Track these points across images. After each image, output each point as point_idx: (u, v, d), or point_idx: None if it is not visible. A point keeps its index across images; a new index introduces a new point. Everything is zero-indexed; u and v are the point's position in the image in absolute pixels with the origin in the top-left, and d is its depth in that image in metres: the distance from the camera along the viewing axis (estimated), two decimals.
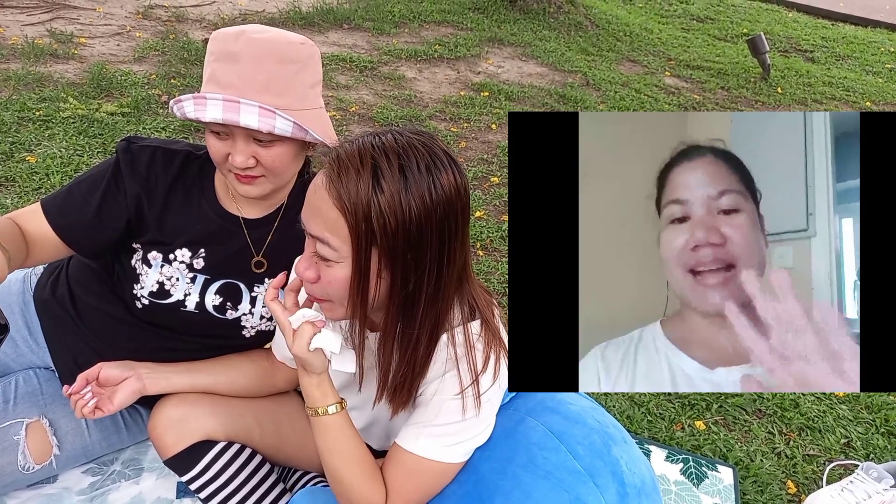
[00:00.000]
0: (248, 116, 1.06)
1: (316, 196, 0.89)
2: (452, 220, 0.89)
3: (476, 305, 0.99)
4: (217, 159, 1.16)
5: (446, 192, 0.87)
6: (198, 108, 1.07)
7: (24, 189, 2.48)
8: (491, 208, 2.94)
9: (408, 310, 0.93)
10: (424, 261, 0.88)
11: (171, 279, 1.25)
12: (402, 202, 0.84)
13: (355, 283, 0.89)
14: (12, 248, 1.05)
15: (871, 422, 2.00)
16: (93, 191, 1.21)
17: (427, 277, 0.90)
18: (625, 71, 5.20)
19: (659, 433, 1.85)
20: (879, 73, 6.20)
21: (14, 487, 1.34)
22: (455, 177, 0.89)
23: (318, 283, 0.93)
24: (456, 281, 0.95)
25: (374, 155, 0.86)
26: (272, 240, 1.29)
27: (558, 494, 0.96)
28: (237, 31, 1.11)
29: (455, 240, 0.91)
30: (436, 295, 0.92)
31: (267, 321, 1.32)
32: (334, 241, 0.88)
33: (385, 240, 0.86)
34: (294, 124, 1.09)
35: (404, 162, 0.85)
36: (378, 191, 0.84)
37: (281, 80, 1.11)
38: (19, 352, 1.37)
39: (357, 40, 4.93)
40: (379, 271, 0.89)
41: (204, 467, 1.23)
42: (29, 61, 3.63)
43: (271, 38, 1.11)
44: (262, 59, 1.10)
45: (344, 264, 0.89)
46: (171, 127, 3.14)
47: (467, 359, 0.97)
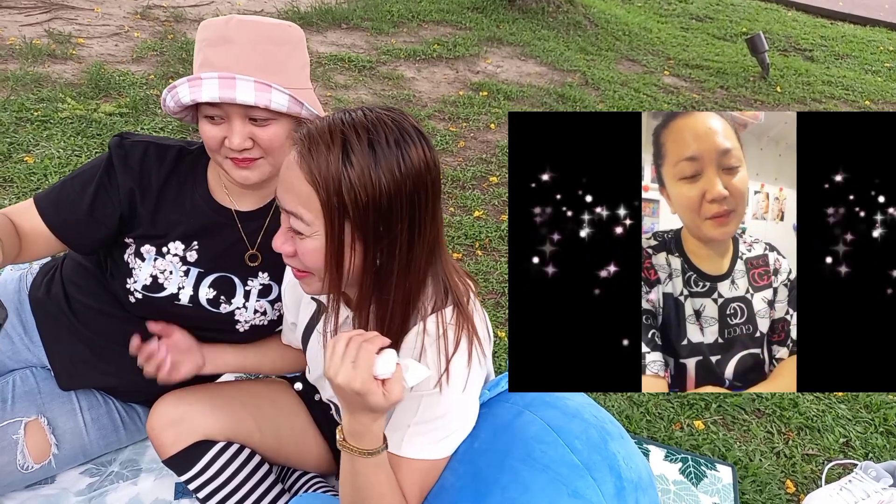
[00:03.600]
0: (244, 92, 1.06)
1: (288, 172, 0.90)
2: (422, 193, 0.91)
3: (449, 286, 0.99)
4: (212, 146, 1.15)
5: (415, 166, 0.89)
6: (193, 88, 1.07)
7: (22, 190, 2.48)
8: (490, 208, 2.94)
9: (381, 280, 0.94)
10: (395, 233, 0.90)
11: (164, 272, 1.25)
12: (371, 176, 0.86)
13: (330, 256, 0.91)
14: (5, 243, 1.06)
15: (869, 421, 2.00)
16: (86, 186, 1.21)
17: (399, 249, 0.91)
18: (624, 70, 5.20)
19: (658, 433, 1.85)
20: (879, 72, 6.20)
21: (13, 488, 1.33)
22: (424, 151, 0.91)
23: (295, 256, 0.95)
24: (427, 254, 0.96)
25: (343, 130, 0.88)
26: (266, 232, 1.28)
27: (556, 488, 0.96)
28: (226, 18, 1.13)
29: (426, 212, 0.92)
30: (408, 266, 0.93)
31: (261, 315, 1.32)
32: (307, 215, 0.89)
33: (356, 213, 0.87)
34: (290, 97, 1.10)
35: (373, 136, 0.87)
36: (348, 165, 0.86)
37: (275, 61, 1.13)
38: (16, 350, 1.37)
39: (355, 40, 4.93)
40: (352, 243, 0.90)
41: (203, 467, 1.23)
42: (27, 62, 3.62)
43: (261, 20, 1.14)
44: (256, 40, 1.11)
45: (316, 237, 0.91)
46: (169, 127, 3.13)
47: (437, 344, 0.96)
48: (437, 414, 0.98)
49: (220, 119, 1.12)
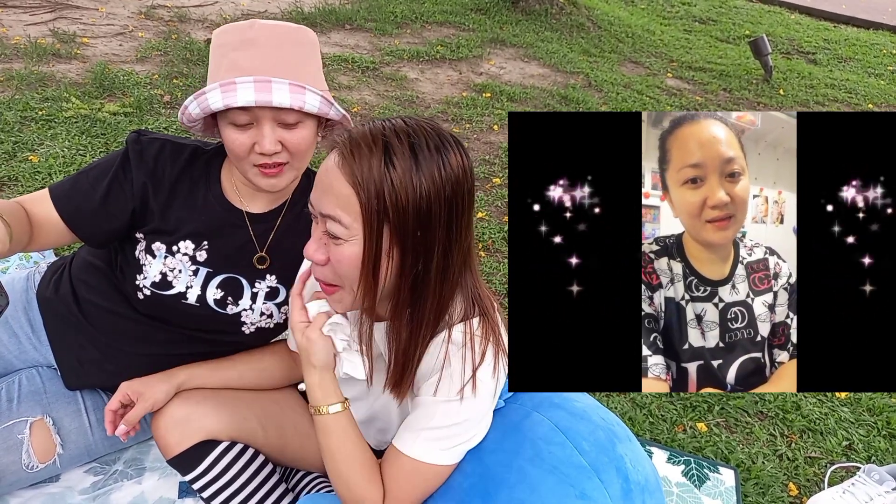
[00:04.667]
0: (280, 94, 1.07)
1: (328, 175, 0.90)
2: (459, 199, 0.91)
3: (478, 296, 1.00)
4: (240, 153, 1.14)
5: (455, 172, 0.89)
6: (227, 94, 1.07)
7: (27, 188, 2.49)
8: (493, 209, 2.94)
9: (418, 291, 0.94)
10: (433, 239, 0.90)
11: (173, 270, 1.25)
12: (412, 179, 0.86)
13: (367, 261, 0.90)
14: (16, 229, 1.06)
15: (872, 424, 2.00)
16: (100, 179, 1.22)
17: (436, 256, 0.91)
18: (627, 72, 5.21)
19: (660, 435, 1.85)
20: (882, 76, 6.20)
21: (18, 486, 1.34)
22: (462, 158, 0.91)
23: (328, 264, 0.94)
24: (461, 263, 0.96)
25: (385, 134, 0.88)
26: (276, 235, 1.29)
27: (563, 489, 0.96)
28: (248, 22, 1.13)
29: (462, 220, 0.92)
30: (444, 274, 0.93)
31: (267, 318, 1.32)
32: (345, 218, 0.89)
33: (396, 216, 0.87)
34: (322, 98, 1.11)
35: (415, 141, 0.87)
36: (390, 168, 0.86)
37: (299, 62, 1.13)
38: (23, 349, 1.38)
39: (359, 41, 4.94)
40: (390, 249, 0.90)
41: (207, 467, 1.24)
42: (32, 61, 3.63)
43: (281, 23, 1.15)
44: (280, 42, 1.12)
45: (354, 242, 0.90)
46: (173, 127, 3.14)
47: (463, 353, 0.97)
48: (455, 421, 0.99)
49: (248, 125, 1.12)
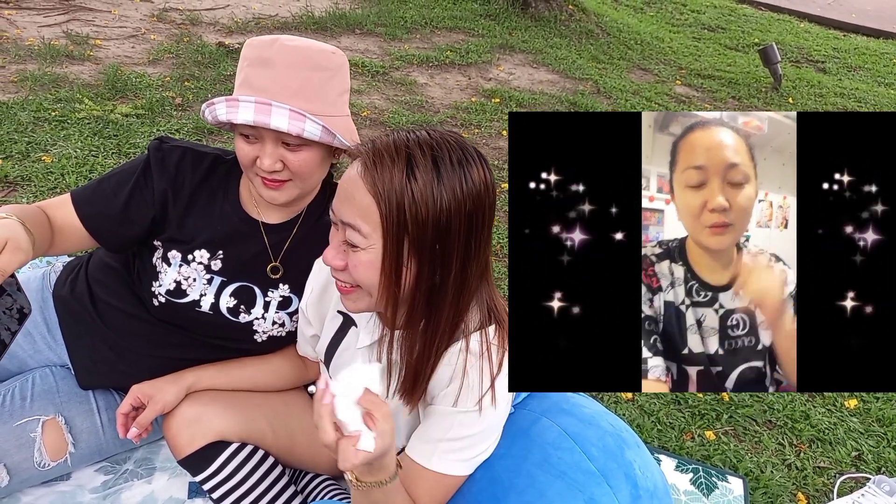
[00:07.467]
0: (278, 119, 1.08)
1: (350, 183, 0.90)
2: (480, 214, 0.91)
3: (494, 305, 1.00)
4: (245, 163, 1.17)
5: (476, 187, 0.89)
6: (230, 110, 1.10)
7: (40, 189, 2.51)
8: (501, 214, 2.94)
9: (433, 302, 0.94)
10: (451, 253, 0.90)
11: (188, 279, 1.26)
12: (433, 193, 0.86)
13: (387, 270, 0.90)
14: (37, 234, 1.07)
15: (882, 435, 1.99)
16: (122, 185, 1.23)
17: (453, 271, 0.91)
18: (636, 79, 5.21)
19: (669, 442, 1.85)
20: (891, 85, 6.18)
21: (29, 484, 1.35)
22: (485, 174, 0.91)
23: (345, 269, 0.94)
24: (479, 276, 0.95)
25: (408, 146, 0.88)
26: (290, 246, 1.30)
27: (572, 494, 0.96)
28: (271, 39, 1.15)
29: (481, 234, 0.92)
30: (461, 287, 0.93)
31: (279, 327, 1.33)
32: (365, 227, 0.89)
33: (415, 229, 0.87)
34: (322, 128, 1.11)
35: (437, 154, 0.87)
36: (412, 179, 0.86)
37: (312, 87, 1.14)
38: (37, 349, 1.39)
39: (369, 45, 4.96)
40: (408, 261, 0.90)
41: (218, 467, 1.24)
42: (45, 62, 3.66)
43: (304, 45, 1.14)
44: (295, 65, 1.12)
45: (371, 249, 0.90)
46: (184, 129, 3.16)
47: (480, 363, 0.97)
48: (473, 431, 0.99)
49: (255, 139, 1.14)
